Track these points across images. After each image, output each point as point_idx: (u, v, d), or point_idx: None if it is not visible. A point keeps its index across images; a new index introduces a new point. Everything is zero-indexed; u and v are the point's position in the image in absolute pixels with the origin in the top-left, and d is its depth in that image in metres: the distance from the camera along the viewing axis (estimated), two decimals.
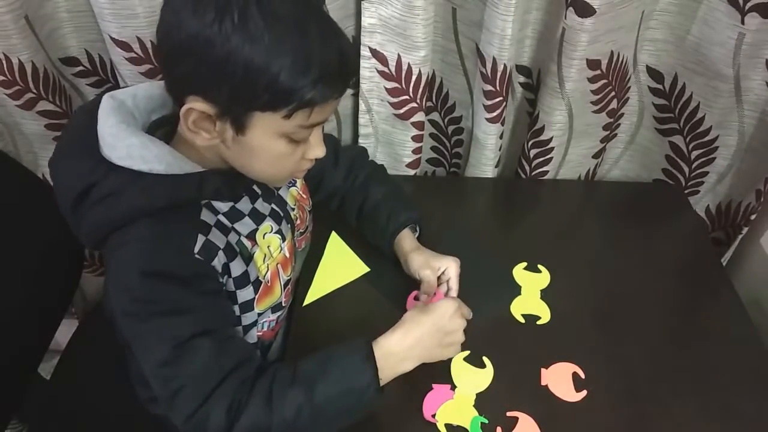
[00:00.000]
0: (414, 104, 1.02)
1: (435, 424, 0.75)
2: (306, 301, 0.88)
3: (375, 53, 0.97)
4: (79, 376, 0.97)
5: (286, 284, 0.80)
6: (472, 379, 0.79)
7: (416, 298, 0.87)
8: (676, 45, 0.99)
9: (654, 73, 1.04)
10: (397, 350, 0.70)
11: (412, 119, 1.04)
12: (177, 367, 0.63)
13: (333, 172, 0.94)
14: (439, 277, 0.85)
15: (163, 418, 0.83)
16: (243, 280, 0.72)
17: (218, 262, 0.68)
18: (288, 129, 0.64)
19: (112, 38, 0.89)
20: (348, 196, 0.94)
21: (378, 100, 1.04)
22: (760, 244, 1.07)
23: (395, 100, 1.02)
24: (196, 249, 0.66)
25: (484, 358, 0.81)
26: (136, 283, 0.63)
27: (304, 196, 0.89)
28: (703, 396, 0.80)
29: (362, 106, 1.05)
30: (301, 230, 0.87)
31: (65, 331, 0.99)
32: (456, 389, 0.78)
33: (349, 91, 1.06)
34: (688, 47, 0.98)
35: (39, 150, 1.02)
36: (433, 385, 0.78)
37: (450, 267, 0.85)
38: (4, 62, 0.88)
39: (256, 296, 0.75)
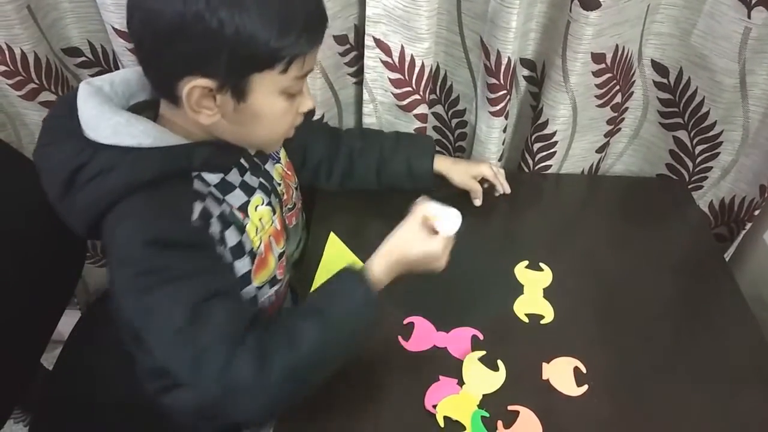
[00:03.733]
0: (417, 96, 1.02)
1: (433, 416, 0.75)
2: None
3: (379, 43, 0.97)
4: (81, 366, 0.97)
5: (280, 256, 0.81)
6: (483, 379, 0.79)
7: None
8: (682, 39, 0.99)
9: (659, 67, 1.04)
10: (383, 267, 0.73)
11: (415, 111, 1.04)
12: (198, 327, 0.62)
13: (313, 137, 0.98)
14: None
15: (166, 408, 0.83)
16: (239, 251, 0.73)
17: (215, 230, 0.69)
18: (286, 83, 0.66)
19: (114, 29, 0.88)
20: (356, 157, 0.99)
21: (382, 90, 1.03)
22: (763, 240, 1.07)
23: (398, 91, 1.02)
24: (194, 216, 0.67)
25: (499, 362, 0.80)
26: (139, 254, 0.63)
27: (289, 173, 0.89)
28: (705, 391, 0.80)
29: (366, 96, 1.04)
30: (288, 206, 0.87)
31: (68, 322, 1.00)
32: (463, 386, 0.78)
33: (352, 79, 1.07)
34: (693, 41, 0.97)
35: None
36: (440, 377, 0.78)
37: (484, 171, 1.01)
38: (6, 52, 0.88)
39: (253, 268, 0.75)
